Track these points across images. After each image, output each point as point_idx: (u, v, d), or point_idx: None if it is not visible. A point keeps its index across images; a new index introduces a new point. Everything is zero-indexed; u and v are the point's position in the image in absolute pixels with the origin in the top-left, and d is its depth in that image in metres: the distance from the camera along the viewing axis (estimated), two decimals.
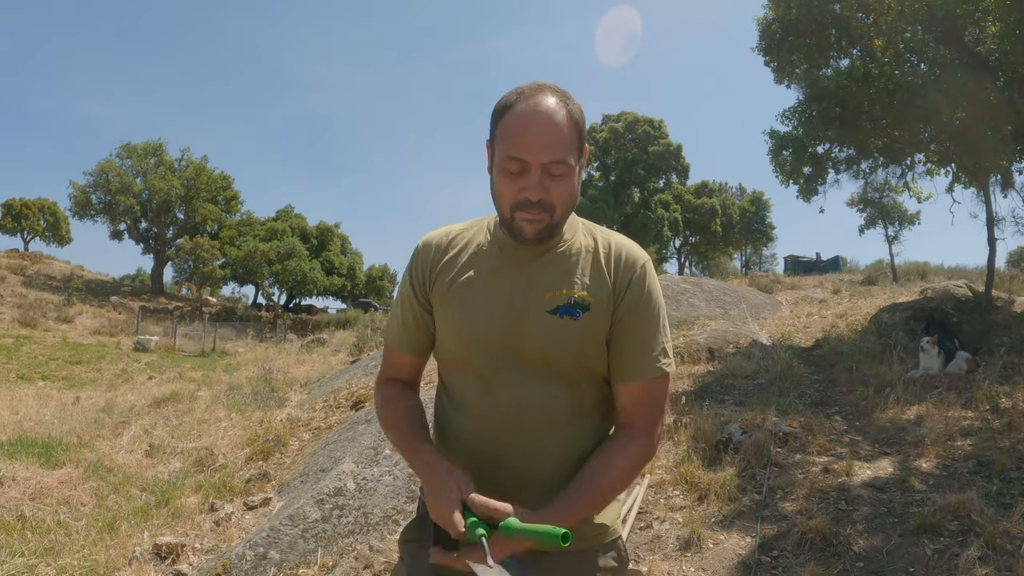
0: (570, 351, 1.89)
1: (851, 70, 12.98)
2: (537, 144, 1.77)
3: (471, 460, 1.93)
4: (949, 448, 6.54)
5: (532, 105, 1.80)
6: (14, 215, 60.93)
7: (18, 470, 7.63)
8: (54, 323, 33.79)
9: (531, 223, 1.82)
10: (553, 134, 1.78)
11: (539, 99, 1.80)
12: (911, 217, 34.70)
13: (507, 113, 1.82)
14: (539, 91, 1.83)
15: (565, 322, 1.88)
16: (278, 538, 5.64)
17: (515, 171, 1.80)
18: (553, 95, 1.82)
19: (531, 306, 1.90)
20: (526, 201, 1.79)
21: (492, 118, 1.89)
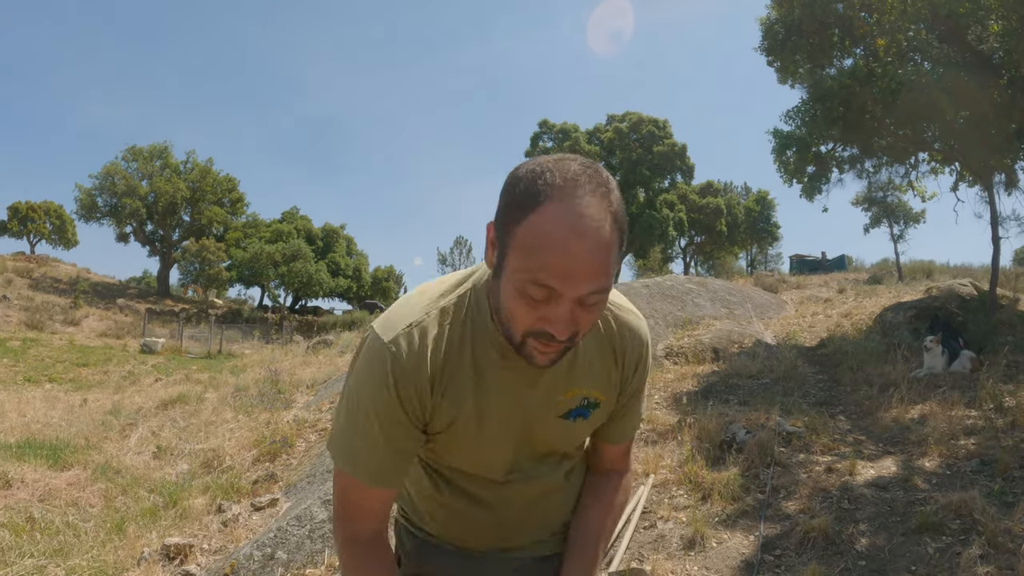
0: (576, 441, 1.85)
1: (854, 69, 12.99)
2: (576, 275, 1.37)
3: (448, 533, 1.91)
4: (952, 447, 6.56)
5: (572, 218, 1.35)
6: (20, 218, 61.04)
7: (27, 472, 7.69)
8: (61, 326, 33.90)
9: (546, 354, 1.50)
10: (598, 260, 1.37)
11: (580, 205, 1.36)
12: (916, 216, 34.65)
13: (532, 217, 1.38)
14: (576, 187, 1.38)
15: (577, 423, 1.77)
16: (285, 538, 5.68)
17: (539, 298, 1.41)
18: (595, 193, 1.39)
19: (544, 413, 1.73)
20: (547, 334, 1.44)
21: (507, 209, 1.43)
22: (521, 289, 1.40)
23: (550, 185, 1.37)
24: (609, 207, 1.38)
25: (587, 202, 1.36)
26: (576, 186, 1.37)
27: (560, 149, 50.09)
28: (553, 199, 1.36)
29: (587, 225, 1.34)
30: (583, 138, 50.50)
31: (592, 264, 1.36)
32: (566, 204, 1.35)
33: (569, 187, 1.37)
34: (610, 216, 1.38)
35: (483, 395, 1.66)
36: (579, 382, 1.71)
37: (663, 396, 9.33)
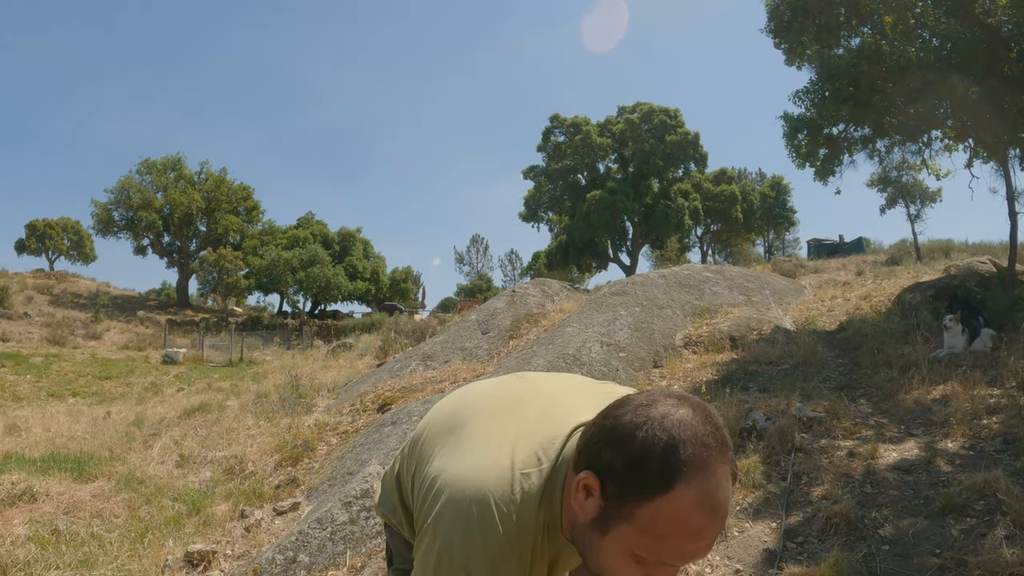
0: None
1: (862, 48, 12.90)
2: (700, 552, 1.34)
3: None
4: (975, 427, 6.50)
5: (712, 504, 1.29)
6: (38, 235, 61.53)
7: (52, 485, 7.73)
8: (82, 340, 34.10)
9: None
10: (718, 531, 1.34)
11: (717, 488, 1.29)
12: (932, 195, 34.42)
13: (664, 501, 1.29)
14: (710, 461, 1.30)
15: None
16: (307, 541, 5.69)
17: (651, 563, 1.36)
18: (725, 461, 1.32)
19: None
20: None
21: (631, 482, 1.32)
22: (636, 558, 1.35)
23: (686, 464, 1.28)
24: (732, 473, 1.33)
25: (721, 478, 1.30)
26: (710, 460, 1.29)
27: (572, 143, 49.99)
28: (692, 482, 1.27)
29: (723, 508, 1.30)
30: (595, 131, 50.33)
31: (714, 538, 1.33)
32: (704, 487, 1.28)
33: (704, 463, 1.29)
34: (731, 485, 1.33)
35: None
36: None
37: (682, 386, 9.29)
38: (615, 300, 12.66)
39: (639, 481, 1.29)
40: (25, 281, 46.61)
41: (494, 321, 13.98)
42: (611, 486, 1.34)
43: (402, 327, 20.09)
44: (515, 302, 14.98)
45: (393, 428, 8.02)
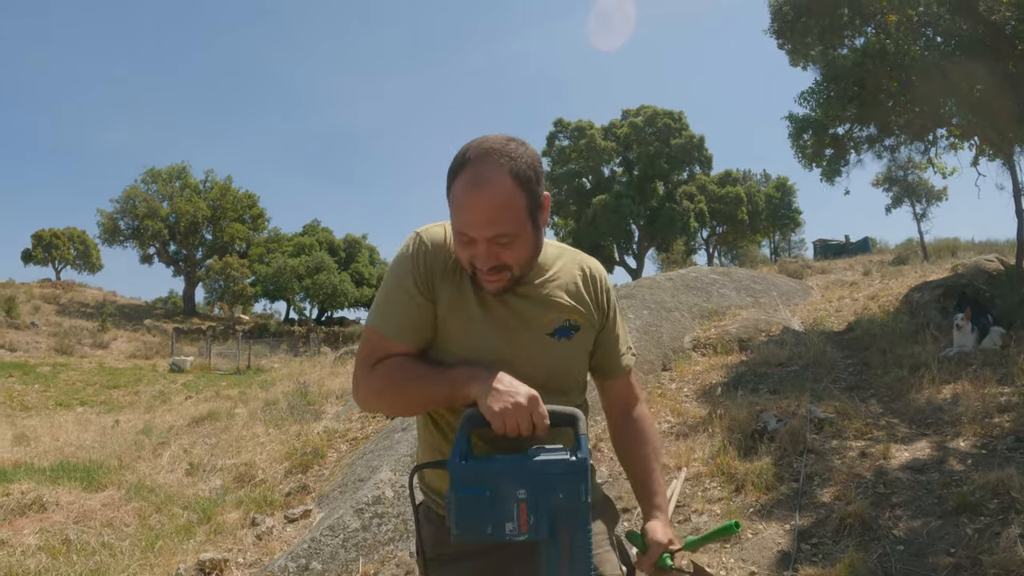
0: (567, 370, 2.09)
1: (866, 47, 12.89)
2: (478, 223, 1.80)
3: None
4: (987, 425, 6.48)
5: (473, 179, 1.79)
6: (44, 245, 61.62)
7: (61, 495, 7.73)
8: (90, 349, 34.16)
9: (492, 283, 1.90)
10: (493, 210, 1.78)
11: (480, 170, 1.79)
12: (938, 193, 34.41)
13: (455, 181, 1.83)
14: (484, 157, 1.81)
15: (563, 344, 2.05)
16: (319, 549, 5.68)
17: (465, 241, 1.84)
18: (495, 162, 1.80)
19: (531, 330, 2.01)
20: (479, 268, 1.86)
21: (448, 174, 1.88)
22: (456, 237, 1.88)
23: (466, 159, 1.82)
24: (510, 168, 1.80)
25: (488, 166, 1.79)
26: (482, 157, 1.81)
27: (576, 147, 50.03)
28: (465, 169, 1.81)
29: (484, 183, 1.78)
30: (599, 134, 50.34)
31: (488, 213, 1.78)
32: (472, 172, 1.80)
33: (477, 158, 1.81)
34: (508, 176, 1.79)
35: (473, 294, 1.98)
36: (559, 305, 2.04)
37: (692, 388, 9.28)
38: (623, 303, 12.63)
39: (450, 174, 1.86)
40: (32, 291, 46.70)
41: None
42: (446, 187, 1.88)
43: None
44: None
45: (403, 434, 8.00)
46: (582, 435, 1.83)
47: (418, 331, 1.99)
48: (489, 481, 1.77)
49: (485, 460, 1.82)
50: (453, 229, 1.87)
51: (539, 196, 1.89)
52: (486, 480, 1.77)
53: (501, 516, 1.75)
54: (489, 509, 1.76)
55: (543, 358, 2.01)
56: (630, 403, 2.26)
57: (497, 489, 1.76)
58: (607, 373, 2.22)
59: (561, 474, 1.76)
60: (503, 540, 1.74)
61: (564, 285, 2.07)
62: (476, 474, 1.78)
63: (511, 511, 1.75)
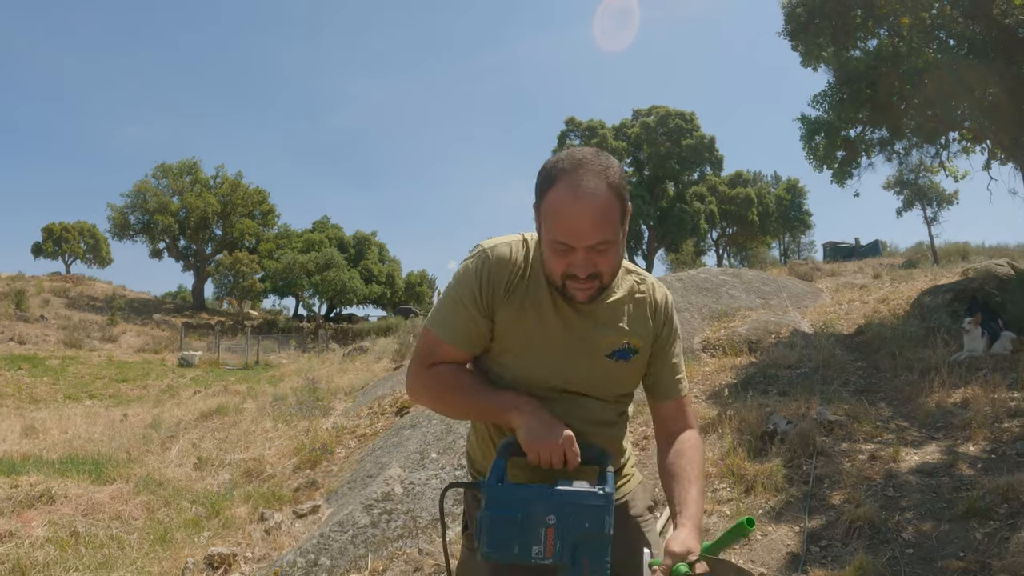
0: (619, 385, 2.18)
1: (879, 50, 12.86)
2: (582, 231, 1.84)
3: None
4: (997, 430, 6.46)
5: (574, 188, 1.84)
6: (55, 239, 61.79)
7: (70, 487, 7.74)
8: (99, 343, 34.20)
9: (582, 291, 1.94)
10: (597, 218, 1.84)
11: (581, 180, 1.84)
12: (949, 197, 34.33)
13: (550, 192, 1.88)
14: (579, 167, 1.87)
15: (620, 365, 2.13)
16: (328, 544, 5.69)
17: (562, 251, 1.88)
18: (593, 170, 1.87)
19: (589, 351, 2.09)
20: (575, 276, 1.90)
21: (537, 187, 1.94)
22: (550, 247, 1.90)
23: (560, 169, 1.88)
24: (606, 179, 1.87)
25: (588, 177, 1.85)
26: (579, 167, 1.87)
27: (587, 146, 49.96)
28: (560, 179, 1.87)
29: (586, 193, 1.83)
30: (610, 134, 50.32)
31: (592, 222, 1.83)
32: (571, 181, 1.85)
33: (575, 168, 1.87)
34: (606, 185, 1.86)
35: (538, 310, 2.06)
36: (619, 331, 2.10)
37: (702, 389, 9.27)
38: None
39: (539, 186, 1.93)
40: (42, 284, 46.79)
41: None
42: (535, 198, 1.95)
43: (418, 330, 20.06)
44: None
45: (412, 431, 8.02)
46: (609, 472, 1.94)
47: (471, 341, 2.10)
48: (521, 505, 1.87)
49: (519, 486, 1.92)
50: (547, 239, 1.91)
51: (628, 205, 1.97)
52: (519, 504, 1.88)
53: (529, 539, 1.85)
54: (519, 531, 1.86)
55: (596, 376, 2.11)
56: (680, 427, 2.25)
57: (528, 513, 1.86)
58: (659, 395, 2.26)
59: (590, 506, 1.85)
60: (528, 562, 1.85)
61: (627, 308, 2.14)
62: (510, 497, 1.89)
63: (539, 535, 1.85)
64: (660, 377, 2.23)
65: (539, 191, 1.93)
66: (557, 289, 1.99)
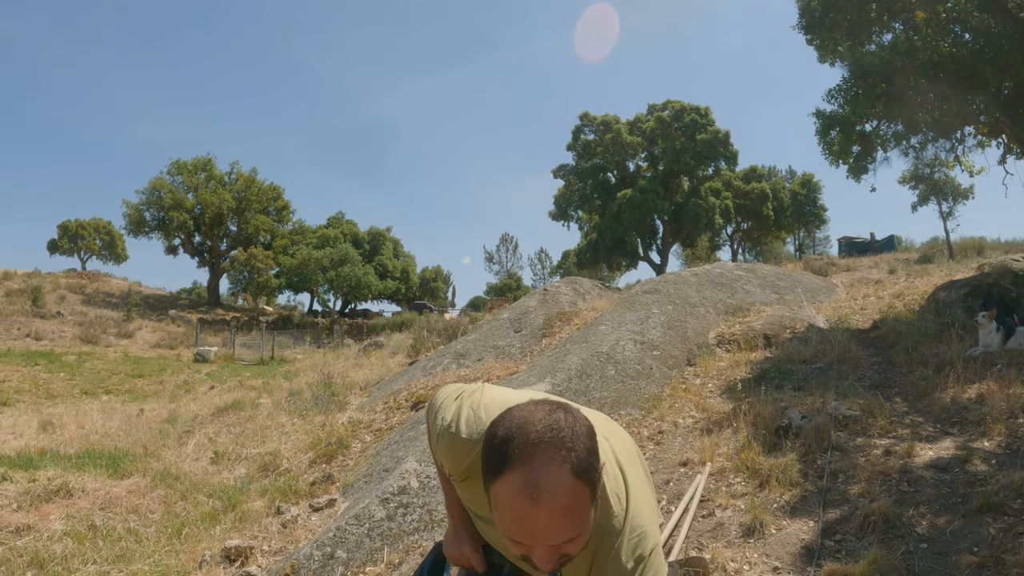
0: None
1: (895, 44, 12.81)
2: (542, 533, 1.53)
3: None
4: (1012, 425, 6.44)
5: (530, 488, 1.49)
6: (70, 236, 62.18)
7: (87, 481, 7.81)
8: (115, 339, 34.38)
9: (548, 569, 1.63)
10: (561, 519, 1.52)
11: (539, 476, 1.49)
12: (964, 192, 34.15)
13: (500, 480, 1.54)
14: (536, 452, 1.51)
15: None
16: (344, 537, 5.73)
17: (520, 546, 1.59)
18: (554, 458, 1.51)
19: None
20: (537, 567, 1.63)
21: (484, 463, 1.60)
22: (505, 536, 1.58)
23: (511, 455, 1.52)
24: (570, 469, 1.50)
25: (545, 472, 1.49)
26: (536, 451, 1.51)
27: (602, 141, 49.93)
28: (514, 469, 1.50)
29: (543, 496, 1.47)
30: (624, 129, 50.20)
31: (554, 525, 1.50)
32: (525, 476, 1.49)
33: (528, 454, 1.51)
34: (571, 478, 1.49)
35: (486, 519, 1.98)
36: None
37: (716, 384, 9.28)
38: (648, 298, 12.63)
39: (486, 467, 1.57)
40: (58, 281, 47.05)
41: (526, 319, 13.99)
42: (483, 471, 1.61)
43: (433, 326, 20.12)
44: (547, 300, 14.98)
45: None
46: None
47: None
48: None
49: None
50: (501, 528, 1.58)
51: (599, 475, 1.61)
52: None
53: None
54: None
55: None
56: None
57: None
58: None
59: None
60: None
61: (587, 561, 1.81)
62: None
63: None
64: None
65: (485, 470, 1.59)
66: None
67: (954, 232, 35.28)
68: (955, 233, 35.53)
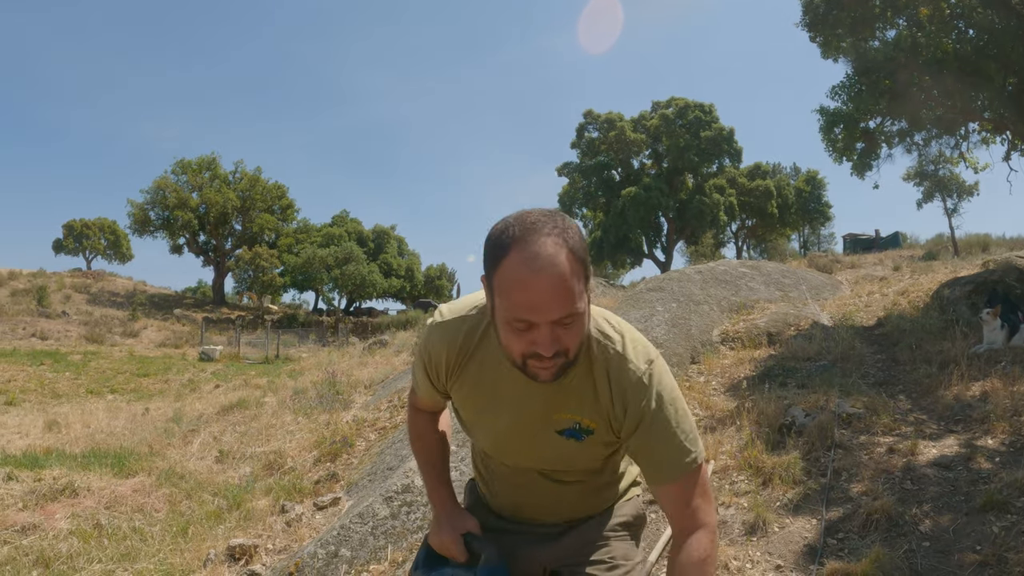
0: (576, 464, 2.11)
1: (898, 40, 12.80)
2: (543, 305, 1.68)
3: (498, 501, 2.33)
4: (1016, 423, 6.43)
5: (530, 258, 1.66)
6: (75, 235, 62.42)
7: (93, 480, 7.83)
8: (120, 338, 34.47)
9: (545, 370, 1.79)
10: (560, 289, 1.67)
11: (537, 247, 1.67)
12: (969, 188, 34.13)
13: (503, 263, 1.70)
14: (532, 232, 1.69)
15: (571, 443, 2.03)
16: (348, 536, 5.74)
17: (522, 328, 1.73)
18: (549, 234, 1.69)
19: (541, 426, 2.02)
20: (538, 354, 1.75)
21: (486, 257, 1.76)
22: (508, 325, 1.74)
23: (511, 237, 1.70)
24: (565, 243, 1.69)
25: (543, 243, 1.67)
26: (532, 231, 1.69)
27: (606, 139, 49.95)
28: (512, 247, 1.68)
29: (545, 263, 1.65)
30: (628, 127, 50.22)
31: (554, 294, 1.66)
32: (526, 250, 1.67)
33: (528, 233, 1.69)
34: (566, 251, 1.68)
35: (493, 393, 2.03)
36: (569, 406, 1.99)
37: (720, 382, 9.27)
38: (651, 296, 12.62)
39: (489, 259, 1.74)
40: (63, 280, 47.19)
41: None
42: (485, 270, 1.78)
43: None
44: None
45: None
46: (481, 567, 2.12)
47: (434, 400, 2.28)
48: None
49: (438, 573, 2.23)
50: (503, 317, 1.74)
51: (590, 270, 1.81)
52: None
53: None
54: None
55: (548, 451, 2.06)
56: (686, 526, 1.96)
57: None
58: (649, 478, 2.02)
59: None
60: None
61: (583, 388, 1.98)
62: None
63: None
64: (645, 460, 2.01)
65: (488, 262, 1.75)
66: (517, 367, 1.83)
67: (959, 229, 35.42)
68: (960, 230, 35.66)
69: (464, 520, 2.20)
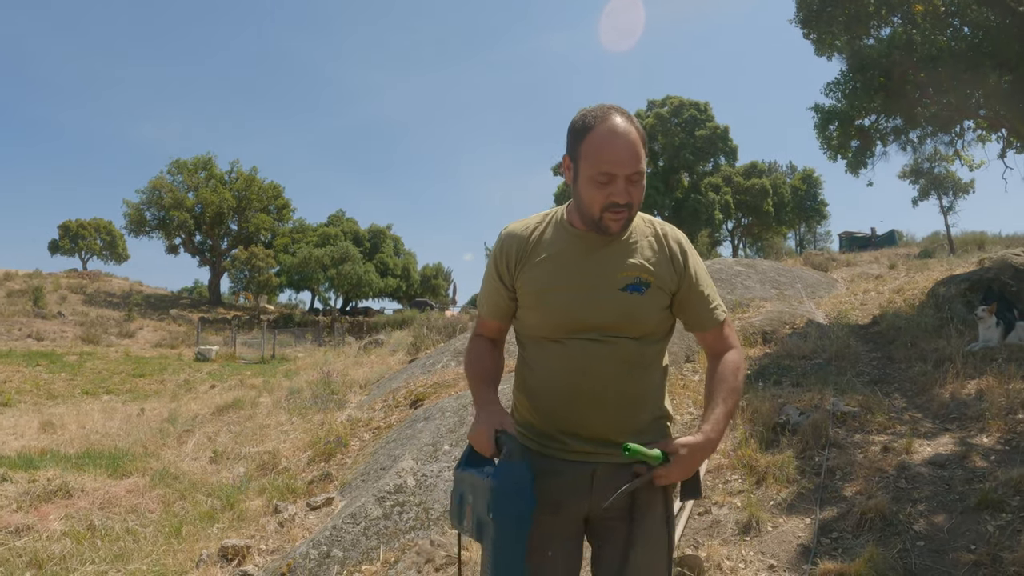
0: (637, 319, 2.35)
1: (893, 38, 12.78)
2: (623, 160, 2.19)
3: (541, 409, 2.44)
4: (1011, 422, 6.42)
5: (611, 127, 2.20)
6: (71, 236, 62.29)
7: (87, 481, 7.82)
8: (116, 338, 34.43)
9: (616, 221, 2.27)
10: (634, 150, 2.20)
11: (615, 121, 2.21)
12: (965, 186, 34.14)
13: (589, 134, 2.22)
14: (611, 113, 2.23)
15: (635, 298, 2.34)
16: (341, 536, 5.73)
17: (604, 182, 2.21)
18: (623, 115, 2.24)
19: (605, 285, 2.33)
20: (615, 204, 2.23)
21: (573, 137, 2.28)
22: (591, 179, 2.22)
23: (596, 116, 2.23)
24: (634, 123, 2.24)
25: (620, 119, 2.22)
26: (611, 113, 2.23)
27: None
28: (598, 123, 2.21)
29: (623, 130, 2.20)
30: None
31: (630, 153, 2.19)
32: (608, 123, 2.21)
33: (607, 114, 2.23)
34: (635, 127, 2.23)
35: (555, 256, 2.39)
36: (631, 262, 2.35)
37: None
38: None
39: (576, 133, 2.27)
40: (59, 281, 47.10)
41: None
42: (569, 149, 2.31)
43: (433, 323, 20.12)
44: None
45: (426, 424, 8.04)
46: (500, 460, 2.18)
47: (500, 311, 2.55)
48: (460, 486, 2.30)
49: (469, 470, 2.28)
50: (589, 175, 2.23)
51: (647, 147, 2.30)
52: (461, 484, 2.30)
53: (461, 514, 2.27)
54: (458, 507, 2.30)
55: (613, 308, 2.33)
56: (722, 349, 2.49)
57: (462, 493, 2.27)
58: (697, 327, 2.49)
59: (481, 489, 2.15)
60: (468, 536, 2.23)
61: (641, 245, 2.39)
62: (458, 479, 2.32)
63: (463, 512, 2.25)
64: (694, 311, 2.46)
65: (575, 139, 2.27)
66: (594, 224, 2.30)
67: (955, 227, 35.26)
68: (956, 228, 35.55)
69: (501, 417, 2.31)
